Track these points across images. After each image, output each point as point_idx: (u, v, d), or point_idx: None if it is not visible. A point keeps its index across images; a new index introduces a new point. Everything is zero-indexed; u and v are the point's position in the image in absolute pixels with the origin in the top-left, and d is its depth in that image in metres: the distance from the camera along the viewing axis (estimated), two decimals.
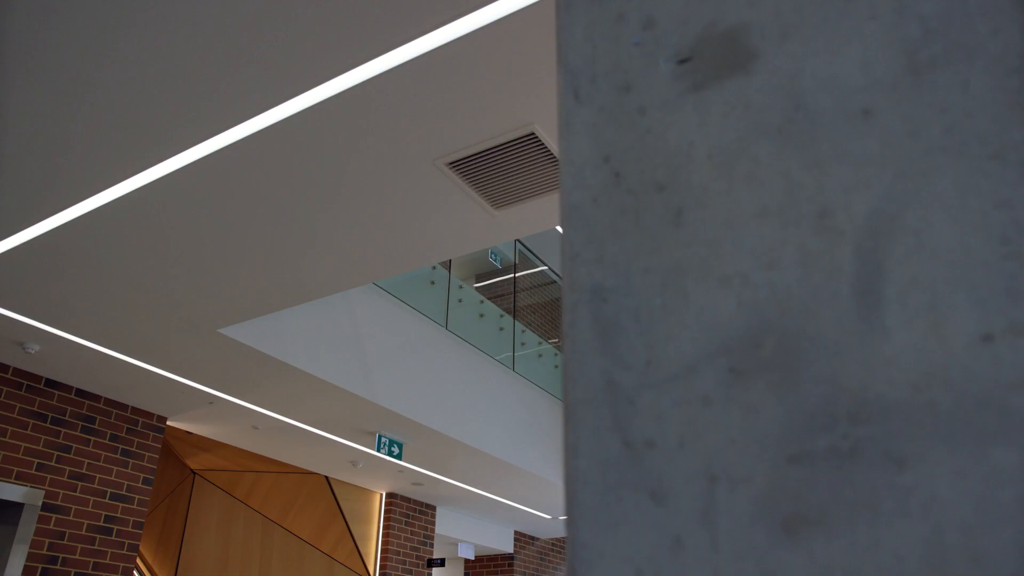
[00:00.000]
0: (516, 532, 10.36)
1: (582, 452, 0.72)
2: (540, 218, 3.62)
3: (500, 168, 3.22)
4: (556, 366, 9.05)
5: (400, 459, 6.77)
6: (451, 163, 3.17)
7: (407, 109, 2.86)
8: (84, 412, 5.77)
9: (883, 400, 0.52)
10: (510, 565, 10.15)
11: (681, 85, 0.69)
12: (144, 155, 3.21)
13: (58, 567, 5.37)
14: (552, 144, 3.04)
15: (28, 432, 5.39)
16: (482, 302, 8.11)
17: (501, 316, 8.30)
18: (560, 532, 10.76)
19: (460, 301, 7.49)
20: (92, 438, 5.78)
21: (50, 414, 5.54)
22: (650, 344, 0.74)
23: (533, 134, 3.01)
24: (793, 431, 0.59)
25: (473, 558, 10.04)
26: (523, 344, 8.48)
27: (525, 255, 9.22)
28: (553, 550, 11.02)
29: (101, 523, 5.71)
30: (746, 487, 0.65)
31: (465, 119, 2.91)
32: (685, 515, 0.66)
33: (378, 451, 6.55)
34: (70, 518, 5.51)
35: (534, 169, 3.24)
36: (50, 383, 5.59)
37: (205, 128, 3.01)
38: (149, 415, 6.23)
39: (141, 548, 7.99)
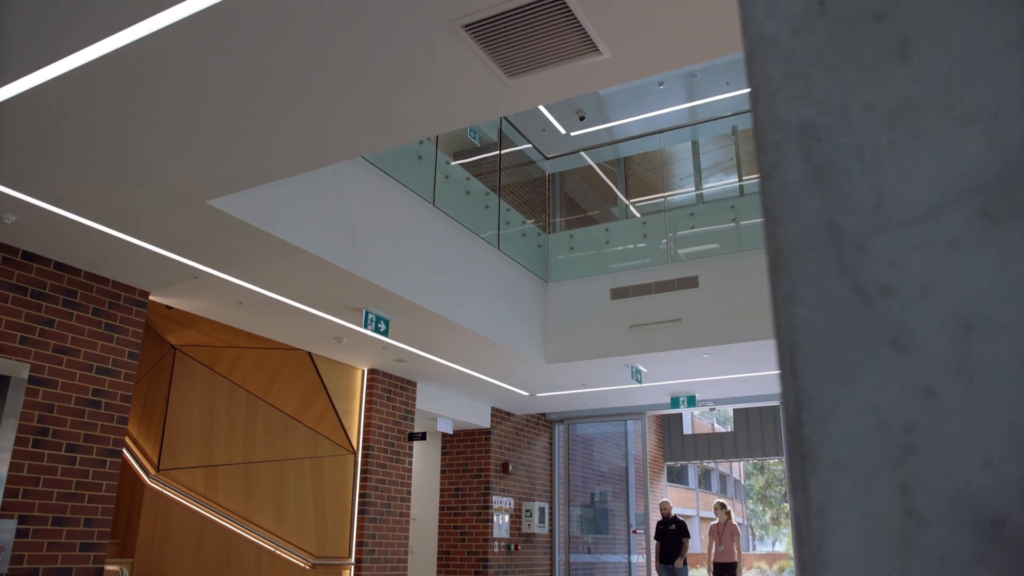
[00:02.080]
0: (493, 408, 10.62)
1: (803, 300, 0.67)
2: (554, 88, 3.48)
3: (519, 33, 3.06)
4: (539, 246, 9.04)
5: (387, 336, 6.80)
6: (468, 25, 2.99)
7: None
8: (64, 286, 5.63)
9: None
10: (487, 439, 10.46)
11: None
12: (129, 8, 2.97)
13: (49, 438, 5.37)
14: (579, 8, 2.88)
15: (8, 305, 5.25)
16: (468, 179, 7.97)
17: (487, 194, 8.19)
18: (534, 409, 11.06)
19: (447, 178, 7.35)
20: (74, 312, 5.66)
21: (30, 287, 5.40)
22: (879, 186, 0.68)
23: None
24: None
25: (451, 432, 10.31)
26: (507, 223, 8.42)
27: (503, 134, 9.01)
28: (527, 425, 11.36)
29: (89, 396, 5.68)
30: (1009, 335, 0.60)
31: None
32: (936, 364, 0.62)
33: (365, 327, 6.56)
34: (57, 391, 5.48)
35: (555, 35, 3.09)
36: (28, 255, 5.41)
37: None
38: (131, 289, 6.11)
39: None
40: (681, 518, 10.62)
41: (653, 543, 10.79)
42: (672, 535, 10.42)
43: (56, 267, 5.59)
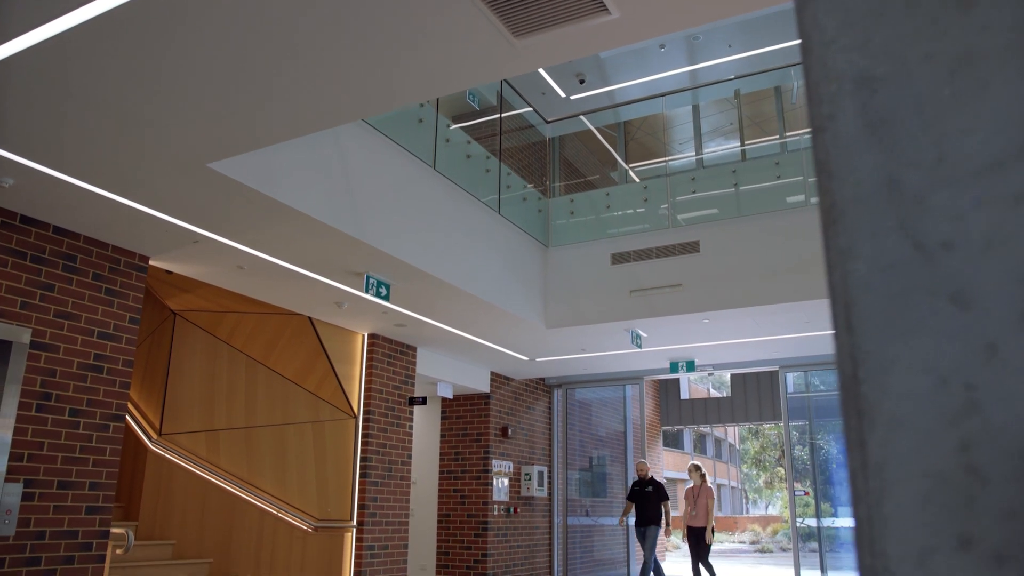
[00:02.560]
0: (492, 373, 10.67)
1: (860, 255, 0.65)
2: (561, 49, 3.43)
3: None
4: (540, 210, 9.00)
5: (388, 300, 6.79)
6: None
7: None
8: (64, 251, 5.59)
9: None
10: (486, 404, 10.51)
11: None
12: None
13: (52, 403, 5.38)
14: None
15: (8, 270, 5.22)
16: (469, 142, 7.90)
17: (487, 158, 8.13)
18: (534, 374, 11.10)
19: (448, 141, 7.28)
20: (74, 276, 5.64)
21: (29, 252, 5.37)
22: (939, 139, 0.66)
23: None
24: None
25: (451, 397, 10.36)
26: (508, 187, 8.37)
27: (503, 98, 8.92)
28: (527, 390, 11.41)
29: (91, 361, 5.68)
30: None
31: None
32: (999, 320, 0.60)
33: (366, 292, 6.54)
34: (59, 356, 5.47)
35: None
36: (26, 220, 5.37)
37: None
38: (131, 254, 6.08)
39: None
40: (659, 480, 10.28)
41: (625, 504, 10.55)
42: (648, 497, 10.08)
43: (55, 231, 5.55)
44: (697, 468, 10.37)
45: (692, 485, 10.25)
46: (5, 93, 3.84)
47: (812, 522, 10.08)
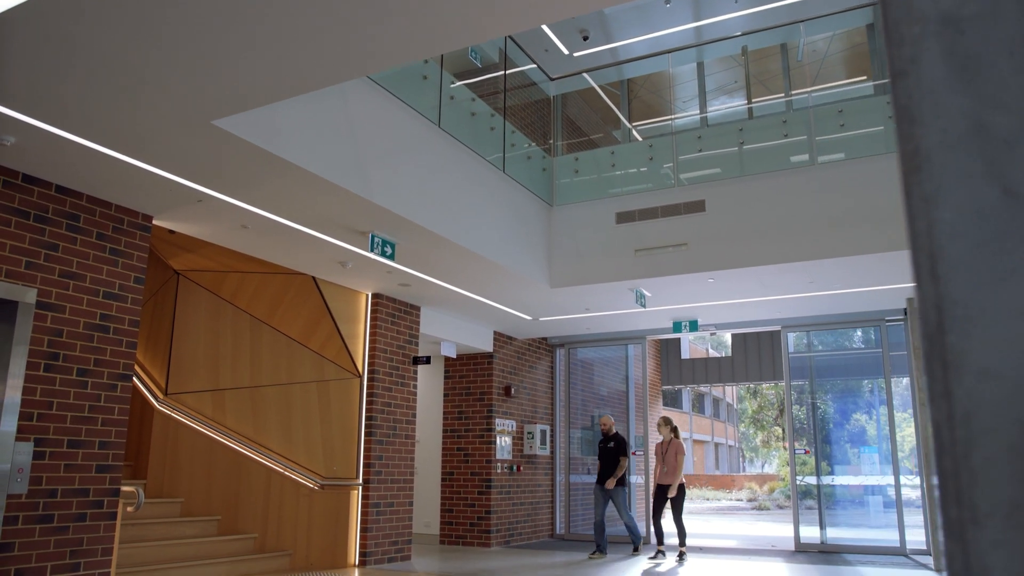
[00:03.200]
0: (495, 332, 10.69)
1: (947, 203, 0.63)
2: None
3: None
4: (544, 169, 8.93)
5: (392, 259, 6.76)
6: None
7: None
8: (67, 210, 5.55)
9: None
10: (489, 363, 10.55)
11: None
12: None
13: (60, 363, 5.39)
14: None
15: (12, 230, 5.19)
16: (473, 100, 7.81)
17: (492, 115, 8.04)
18: (536, 333, 11.12)
19: (452, 98, 7.20)
20: (78, 236, 5.61)
21: (32, 211, 5.32)
22: None
23: None
24: None
25: (455, 356, 10.40)
26: (512, 145, 8.29)
27: (506, 55, 8.79)
28: (529, 350, 11.45)
29: (97, 321, 5.67)
30: None
31: None
32: None
33: (371, 251, 6.52)
34: (65, 316, 5.46)
35: None
36: (28, 179, 5.32)
37: None
38: (134, 214, 6.04)
39: None
40: (621, 435, 9.68)
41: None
42: (609, 453, 9.49)
43: (57, 191, 5.50)
44: (667, 421, 9.52)
45: (661, 440, 9.51)
46: (5, 48, 3.77)
47: (811, 479, 10.19)
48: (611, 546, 9.69)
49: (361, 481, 8.13)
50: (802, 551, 9.69)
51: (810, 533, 9.87)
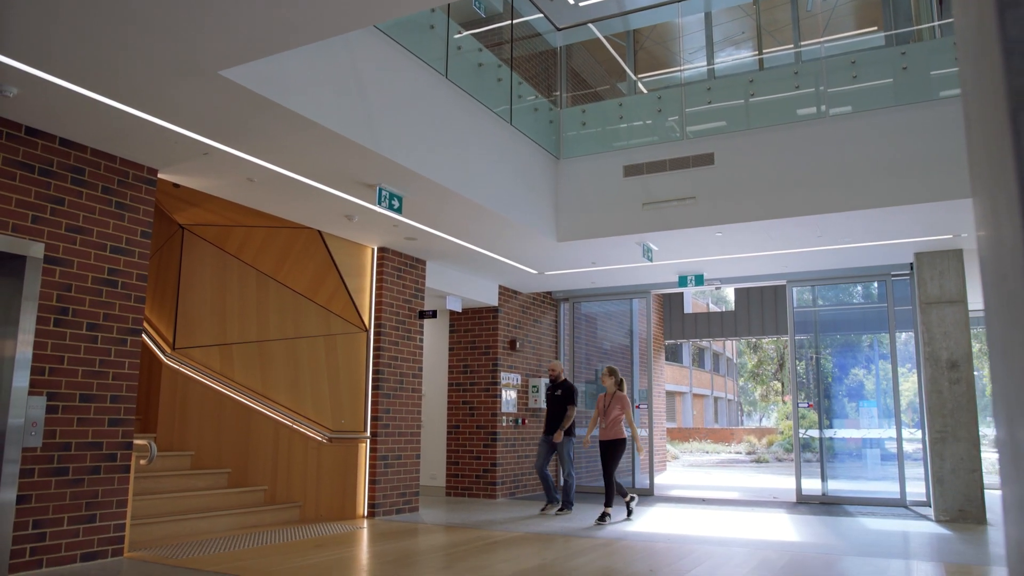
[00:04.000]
0: (500, 286, 10.68)
1: None
2: None
3: None
4: (551, 121, 8.82)
5: (400, 213, 6.71)
6: None
7: None
8: (72, 163, 5.49)
9: None
10: (494, 317, 10.56)
11: None
12: None
13: (69, 318, 5.38)
14: None
15: (17, 183, 5.13)
16: (480, 50, 7.67)
17: (499, 66, 7.90)
18: (541, 287, 11.11)
19: (459, 49, 7.06)
20: (84, 190, 5.55)
21: (36, 164, 5.26)
22: None
23: None
24: None
25: (460, 311, 10.40)
26: (519, 97, 8.17)
27: (512, 5, 8.61)
28: (534, 304, 11.45)
29: (105, 276, 5.65)
30: None
31: None
32: None
33: (378, 204, 6.46)
34: (74, 271, 5.43)
35: None
36: (31, 131, 5.24)
37: None
38: (139, 167, 5.97)
39: None
40: (570, 382, 9.00)
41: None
42: (557, 402, 8.85)
43: (61, 144, 5.43)
44: (612, 372, 8.62)
45: (604, 392, 8.65)
46: None
47: (813, 432, 10.28)
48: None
49: (369, 434, 8.19)
50: (804, 502, 9.82)
51: (811, 485, 9.99)
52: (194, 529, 6.86)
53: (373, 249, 8.56)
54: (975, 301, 12.29)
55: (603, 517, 8.07)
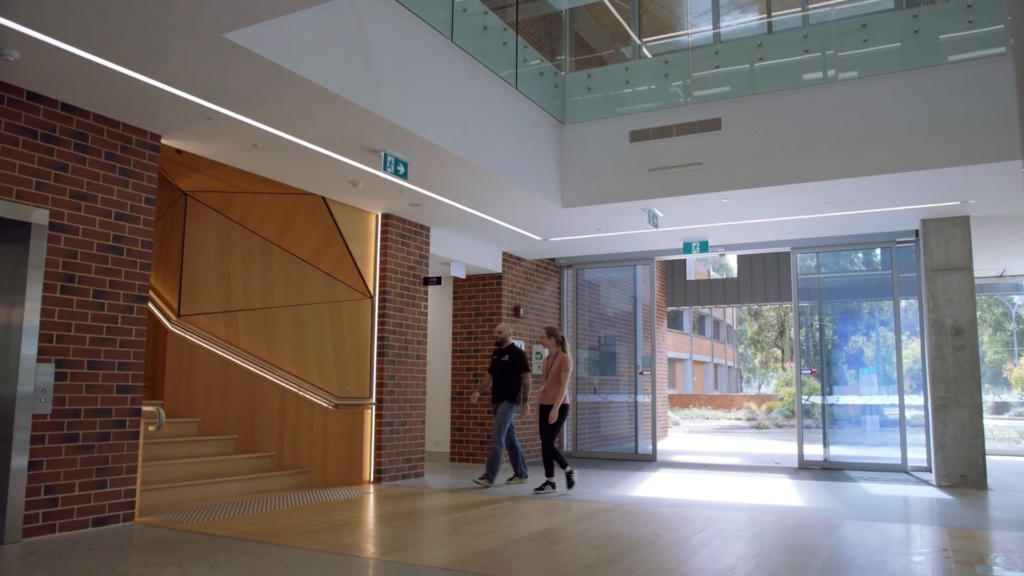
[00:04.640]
0: (504, 253, 10.65)
1: None
2: None
3: None
4: (556, 86, 8.72)
5: (405, 179, 6.66)
6: None
7: None
8: (74, 129, 5.43)
9: None
10: (498, 284, 10.55)
11: None
12: None
13: (76, 285, 5.36)
14: None
15: (20, 149, 5.08)
16: (486, 13, 7.55)
17: (504, 30, 7.79)
18: (544, 254, 11.08)
19: (465, 11, 6.96)
20: (87, 156, 5.50)
21: (39, 130, 5.20)
22: None
23: None
24: None
25: (464, 277, 10.38)
26: (525, 61, 8.07)
27: None
28: (537, 270, 11.43)
29: (110, 243, 5.62)
30: None
31: None
32: None
33: (384, 170, 6.41)
34: (79, 237, 5.41)
35: None
36: (33, 96, 5.18)
37: None
38: (142, 132, 5.91)
39: None
40: (518, 347, 8.30)
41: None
42: (505, 368, 8.12)
43: (63, 108, 5.37)
44: (551, 332, 8.02)
45: (547, 355, 8.06)
46: None
47: (816, 399, 10.32)
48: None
49: (374, 400, 8.22)
50: (805, 468, 9.89)
51: (813, 451, 10.06)
52: (203, 494, 6.91)
53: (377, 215, 8.51)
54: (980, 268, 12.27)
55: (542, 487, 7.65)
